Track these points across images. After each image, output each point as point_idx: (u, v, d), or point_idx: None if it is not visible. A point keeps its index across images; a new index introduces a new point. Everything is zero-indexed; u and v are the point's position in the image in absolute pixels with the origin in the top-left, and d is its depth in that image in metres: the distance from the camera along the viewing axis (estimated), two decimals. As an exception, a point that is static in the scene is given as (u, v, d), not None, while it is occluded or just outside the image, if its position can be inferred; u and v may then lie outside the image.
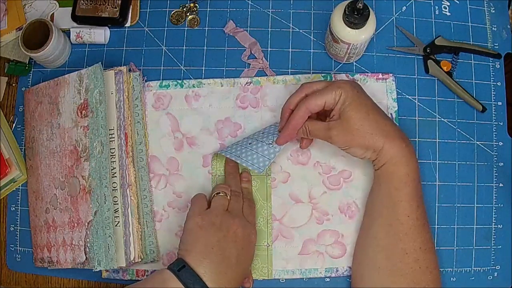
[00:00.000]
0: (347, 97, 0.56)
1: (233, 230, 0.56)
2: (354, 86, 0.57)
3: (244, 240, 0.56)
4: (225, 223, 0.56)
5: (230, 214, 0.57)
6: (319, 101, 0.57)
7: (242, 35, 0.69)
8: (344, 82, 0.57)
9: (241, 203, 0.60)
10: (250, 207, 0.61)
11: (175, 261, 0.54)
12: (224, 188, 0.60)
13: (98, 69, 0.63)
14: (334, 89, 0.56)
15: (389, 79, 0.67)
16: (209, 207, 0.58)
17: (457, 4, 0.70)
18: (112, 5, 0.70)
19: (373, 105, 0.58)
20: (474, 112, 0.66)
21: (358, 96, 0.56)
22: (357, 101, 0.56)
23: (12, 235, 0.67)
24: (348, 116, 0.56)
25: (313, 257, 0.62)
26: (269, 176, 0.64)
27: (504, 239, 0.63)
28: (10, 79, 0.72)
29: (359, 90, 0.57)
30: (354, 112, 0.55)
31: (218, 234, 0.55)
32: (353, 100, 0.56)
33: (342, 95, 0.56)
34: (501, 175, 0.65)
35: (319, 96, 0.57)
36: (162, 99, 0.67)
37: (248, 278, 0.61)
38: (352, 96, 0.56)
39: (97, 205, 0.60)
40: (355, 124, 0.55)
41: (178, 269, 0.52)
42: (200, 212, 0.57)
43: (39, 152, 0.66)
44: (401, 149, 0.55)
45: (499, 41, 0.69)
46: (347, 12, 0.58)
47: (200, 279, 0.51)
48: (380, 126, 0.56)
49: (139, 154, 0.65)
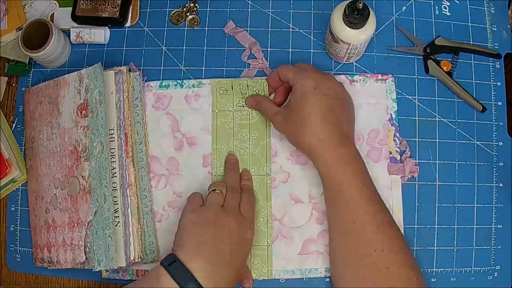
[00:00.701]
0: (302, 91, 0.57)
1: (227, 226, 0.55)
2: (317, 83, 0.57)
3: (239, 237, 0.56)
4: (219, 220, 0.55)
5: (225, 211, 0.57)
6: (284, 72, 0.61)
7: (242, 35, 0.69)
8: (312, 76, 0.58)
9: (238, 199, 0.60)
10: (249, 203, 0.61)
11: (166, 256, 0.53)
12: (219, 185, 0.60)
13: (98, 69, 0.63)
14: (299, 74, 0.58)
15: (389, 80, 0.67)
16: None
17: (457, 4, 0.70)
18: (112, 5, 0.70)
19: (326, 109, 0.56)
20: (474, 112, 0.66)
21: (313, 95, 0.57)
22: (308, 98, 0.56)
23: (12, 235, 0.67)
24: (291, 108, 0.58)
25: (313, 257, 0.62)
26: (269, 176, 0.64)
27: (504, 239, 0.63)
28: (10, 79, 0.72)
29: (320, 89, 0.57)
30: (298, 106, 0.57)
31: (211, 230, 0.54)
32: (304, 95, 0.57)
33: (298, 84, 0.58)
34: (501, 175, 0.65)
35: (287, 69, 0.60)
36: (162, 99, 0.67)
37: (248, 278, 0.61)
38: (306, 91, 0.57)
39: (97, 205, 0.60)
40: (292, 119, 0.57)
41: (168, 264, 0.52)
42: (195, 208, 0.57)
43: (39, 152, 0.66)
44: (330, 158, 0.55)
45: (499, 41, 0.69)
46: (347, 12, 0.58)
47: (191, 274, 0.51)
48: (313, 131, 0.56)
49: (139, 154, 0.65)
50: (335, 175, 0.56)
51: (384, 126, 0.65)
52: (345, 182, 0.55)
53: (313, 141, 0.56)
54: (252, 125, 0.66)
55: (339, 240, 0.57)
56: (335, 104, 0.57)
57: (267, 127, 0.66)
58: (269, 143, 0.65)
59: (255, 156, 0.65)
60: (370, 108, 0.66)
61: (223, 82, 0.66)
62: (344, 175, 0.55)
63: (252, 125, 0.66)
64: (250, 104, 0.65)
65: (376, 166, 0.64)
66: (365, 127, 0.65)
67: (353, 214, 0.55)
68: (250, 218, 0.59)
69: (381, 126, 0.65)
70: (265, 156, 0.65)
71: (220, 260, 0.53)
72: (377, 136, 0.65)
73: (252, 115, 0.66)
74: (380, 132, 0.65)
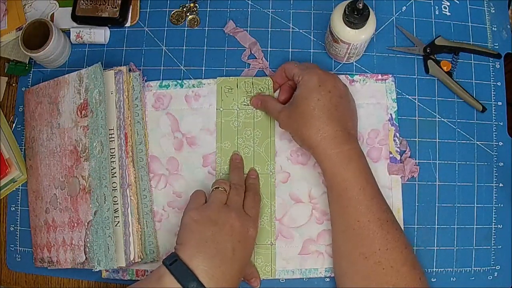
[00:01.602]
0: (307, 87, 0.57)
1: (230, 224, 0.55)
2: (322, 81, 0.57)
3: (241, 234, 0.55)
4: (222, 217, 0.55)
5: (228, 208, 0.56)
6: (290, 68, 0.61)
7: (242, 35, 0.69)
8: (317, 73, 0.58)
9: (241, 196, 0.59)
10: (254, 201, 0.60)
11: (168, 255, 0.53)
12: (223, 183, 0.59)
13: (98, 69, 0.63)
14: (304, 71, 0.59)
15: (389, 79, 0.67)
16: None
17: (457, 4, 0.70)
18: (112, 5, 0.70)
19: (331, 106, 0.56)
20: (474, 112, 0.66)
21: (318, 91, 0.57)
22: (313, 95, 0.57)
23: (12, 235, 0.67)
24: (296, 104, 0.58)
25: (313, 257, 0.62)
26: (273, 175, 0.64)
27: (504, 239, 0.63)
28: (10, 79, 0.72)
29: (325, 86, 0.57)
30: (303, 103, 0.57)
31: (213, 228, 0.54)
32: (309, 92, 0.57)
33: (302, 81, 0.58)
34: (501, 175, 0.65)
35: (293, 65, 0.61)
36: (162, 99, 0.67)
37: (256, 277, 0.61)
38: (311, 87, 0.57)
39: (97, 205, 0.60)
40: (297, 115, 0.57)
41: (170, 263, 0.51)
42: (197, 206, 0.57)
43: (39, 152, 0.66)
44: (334, 155, 0.55)
45: (499, 41, 0.69)
46: (347, 12, 0.58)
47: (192, 273, 0.51)
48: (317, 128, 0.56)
49: (139, 154, 0.65)
50: (338, 172, 0.55)
51: (384, 126, 0.65)
52: (348, 179, 0.55)
53: (317, 137, 0.56)
54: (257, 123, 0.66)
55: (343, 238, 0.56)
56: (339, 102, 0.57)
57: (271, 126, 0.66)
58: (273, 141, 0.65)
59: (259, 155, 0.65)
60: (370, 108, 0.66)
61: (228, 80, 0.66)
62: (348, 173, 0.55)
63: (257, 123, 0.66)
64: (255, 104, 0.65)
65: (376, 166, 0.64)
66: (365, 127, 0.65)
67: (357, 212, 0.54)
68: (254, 216, 0.58)
69: (381, 126, 0.65)
70: (269, 154, 0.65)
71: (222, 257, 0.53)
72: (377, 136, 0.65)
73: (257, 114, 0.66)
74: (380, 132, 0.65)
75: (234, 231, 0.55)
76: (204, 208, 0.56)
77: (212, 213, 0.55)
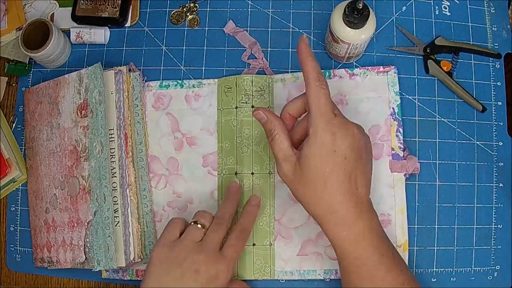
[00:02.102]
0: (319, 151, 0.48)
1: (195, 268, 0.51)
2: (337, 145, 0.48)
3: (208, 280, 0.51)
4: (188, 259, 0.51)
5: (198, 248, 0.52)
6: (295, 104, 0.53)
7: (242, 35, 0.69)
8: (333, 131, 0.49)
9: (221, 233, 0.54)
10: (238, 238, 0.55)
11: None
12: (203, 215, 0.55)
13: (98, 69, 0.63)
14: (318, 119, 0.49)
15: (391, 71, 0.65)
16: None
17: (457, 4, 0.70)
18: (112, 5, 0.70)
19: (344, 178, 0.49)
20: (474, 112, 0.66)
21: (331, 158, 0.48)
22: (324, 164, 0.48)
23: (12, 235, 0.67)
24: (305, 167, 0.49)
25: (311, 258, 0.62)
26: (272, 174, 0.64)
27: (504, 239, 0.63)
28: (10, 79, 0.72)
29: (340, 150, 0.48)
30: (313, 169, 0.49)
31: (176, 271, 0.51)
32: (321, 158, 0.48)
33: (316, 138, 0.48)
34: (501, 175, 0.65)
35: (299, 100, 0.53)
36: (162, 99, 0.67)
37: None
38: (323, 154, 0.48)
39: (97, 205, 0.60)
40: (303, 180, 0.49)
41: None
42: (167, 242, 0.53)
43: (39, 152, 0.66)
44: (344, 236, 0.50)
45: (499, 41, 0.69)
46: (347, 12, 0.58)
47: None
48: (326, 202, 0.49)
49: (139, 154, 0.65)
50: (350, 251, 0.50)
51: (386, 121, 0.64)
52: (361, 257, 0.50)
53: (326, 214, 0.50)
54: (255, 121, 0.65)
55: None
56: (354, 167, 0.50)
57: None
58: None
59: (258, 154, 0.64)
60: (371, 103, 0.64)
61: (228, 79, 0.66)
62: (359, 251, 0.50)
63: (255, 121, 0.65)
64: (260, 118, 0.55)
65: (377, 163, 0.62)
66: (366, 123, 0.63)
67: (370, 284, 0.50)
68: (230, 257, 0.54)
69: (383, 121, 0.64)
70: (268, 153, 0.64)
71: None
72: (378, 132, 0.64)
73: None
74: (381, 128, 0.64)
75: (198, 277, 0.51)
76: (173, 246, 0.53)
77: (180, 253, 0.52)
